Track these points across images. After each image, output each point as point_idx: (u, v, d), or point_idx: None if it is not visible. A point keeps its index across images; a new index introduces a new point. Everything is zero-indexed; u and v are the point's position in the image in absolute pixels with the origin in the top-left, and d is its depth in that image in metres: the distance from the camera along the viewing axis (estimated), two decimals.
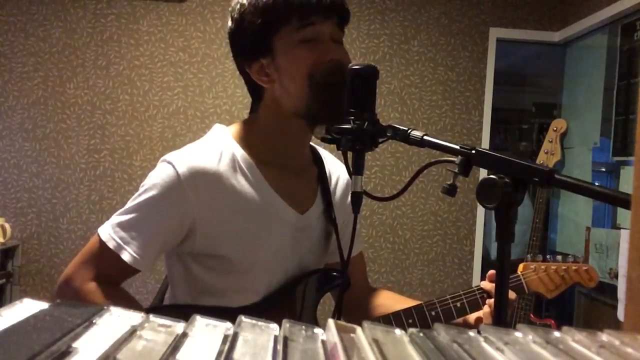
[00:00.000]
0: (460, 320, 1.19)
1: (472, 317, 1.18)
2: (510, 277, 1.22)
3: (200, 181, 1.01)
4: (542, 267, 1.26)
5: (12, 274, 3.16)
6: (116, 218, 1.06)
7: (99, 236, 1.05)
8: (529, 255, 1.29)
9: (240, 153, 1.07)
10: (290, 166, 1.13)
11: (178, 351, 0.34)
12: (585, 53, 3.26)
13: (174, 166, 1.02)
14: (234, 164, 1.06)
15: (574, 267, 1.28)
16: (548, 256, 1.30)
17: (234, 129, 1.12)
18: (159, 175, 1.03)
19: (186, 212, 1.02)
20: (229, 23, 1.09)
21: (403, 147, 3.29)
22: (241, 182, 1.05)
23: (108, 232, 1.04)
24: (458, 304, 1.18)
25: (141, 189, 1.05)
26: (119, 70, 3.23)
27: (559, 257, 1.30)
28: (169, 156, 1.05)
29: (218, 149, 1.06)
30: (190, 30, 3.25)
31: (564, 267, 1.27)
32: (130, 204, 1.06)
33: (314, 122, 1.06)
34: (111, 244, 1.03)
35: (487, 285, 1.18)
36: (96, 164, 3.23)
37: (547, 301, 3.45)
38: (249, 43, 1.06)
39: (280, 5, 1.01)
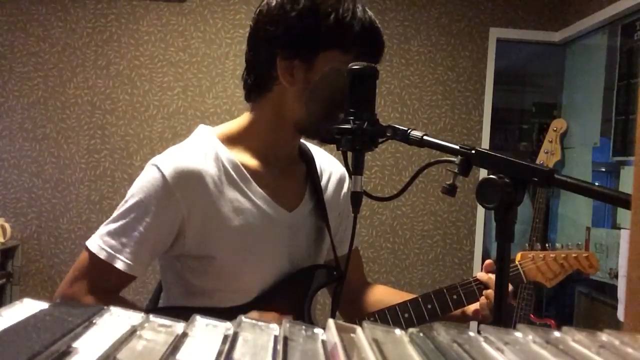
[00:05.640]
0: (458, 312, 1.17)
1: (470, 308, 1.17)
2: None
3: (186, 181, 1.01)
4: (541, 255, 1.22)
5: (12, 274, 3.16)
6: (104, 228, 1.03)
7: (87, 250, 1.03)
8: (527, 244, 1.26)
9: (224, 152, 1.07)
10: (276, 164, 1.12)
11: (178, 351, 0.34)
12: (585, 53, 3.26)
13: (159, 168, 1.01)
14: (219, 163, 1.05)
15: (573, 255, 1.24)
16: (547, 244, 1.26)
17: (219, 129, 1.12)
18: (144, 179, 1.02)
19: (175, 213, 1.01)
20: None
21: (403, 147, 3.29)
22: (226, 182, 1.05)
23: (97, 243, 1.02)
24: (454, 296, 1.17)
25: (128, 195, 1.04)
26: (119, 70, 3.23)
27: (559, 245, 1.26)
28: (154, 159, 1.04)
29: (202, 149, 1.06)
30: (190, 30, 3.25)
31: (563, 255, 1.23)
32: (116, 212, 1.04)
33: (307, 134, 1.11)
34: (102, 255, 1.01)
35: (484, 276, 1.16)
36: (96, 164, 3.23)
37: (547, 301, 3.46)
38: (300, 40, 1.02)
39: (353, 34, 1.00)
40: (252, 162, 1.09)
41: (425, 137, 0.85)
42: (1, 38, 3.19)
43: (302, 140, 1.18)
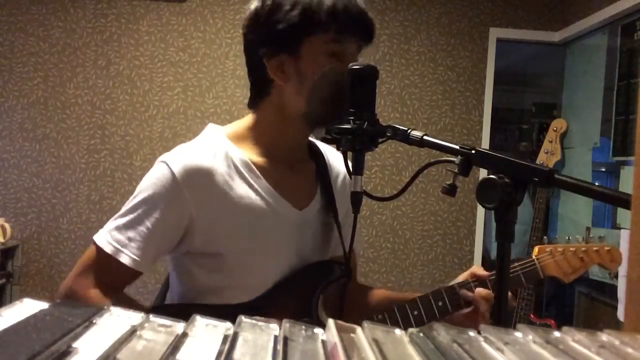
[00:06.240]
0: (470, 310, 1.14)
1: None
2: (525, 261, 1.16)
3: (195, 179, 1.01)
4: (559, 249, 1.15)
5: (12, 274, 3.16)
6: (111, 223, 1.04)
7: (95, 244, 1.04)
8: (545, 238, 1.20)
9: (234, 151, 1.07)
10: (286, 162, 1.12)
11: (178, 351, 0.34)
12: (585, 53, 3.26)
13: (168, 165, 1.01)
14: (229, 161, 1.05)
15: (594, 248, 1.16)
16: (567, 237, 1.19)
17: (228, 128, 1.12)
18: (154, 176, 1.03)
19: (183, 211, 1.01)
20: (257, 4, 1.05)
21: (403, 147, 3.29)
22: (236, 179, 1.05)
23: (104, 237, 1.03)
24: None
25: (136, 191, 1.04)
26: (119, 70, 3.23)
27: (579, 237, 1.18)
28: (163, 156, 1.04)
29: (212, 147, 1.06)
30: (190, 30, 3.25)
31: (583, 249, 1.16)
32: (124, 207, 1.04)
33: (316, 125, 1.08)
34: (109, 249, 1.01)
35: (479, 270, 1.15)
36: (96, 164, 3.23)
37: (547, 301, 3.46)
38: (278, 35, 1.03)
39: (325, 12, 1.00)
40: (260, 159, 1.09)
41: (425, 137, 0.85)
42: (1, 38, 3.19)
43: (311, 139, 1.18)
